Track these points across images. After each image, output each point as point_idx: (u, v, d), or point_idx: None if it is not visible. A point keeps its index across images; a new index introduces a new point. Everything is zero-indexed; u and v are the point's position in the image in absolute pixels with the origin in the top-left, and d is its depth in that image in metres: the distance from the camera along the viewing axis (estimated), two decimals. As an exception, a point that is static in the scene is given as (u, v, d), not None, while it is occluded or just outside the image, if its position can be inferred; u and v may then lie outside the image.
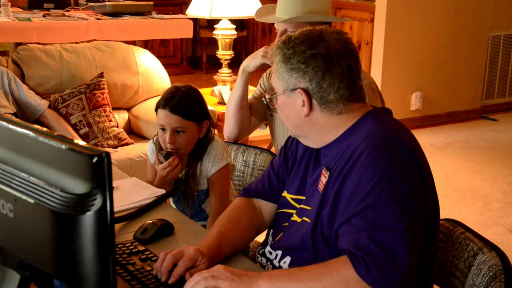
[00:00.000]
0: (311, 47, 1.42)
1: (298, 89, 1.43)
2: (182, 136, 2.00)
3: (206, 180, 2.08)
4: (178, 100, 1.99)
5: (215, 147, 2.07)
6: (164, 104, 2.00)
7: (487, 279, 1.37)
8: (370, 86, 2.17)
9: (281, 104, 1.49)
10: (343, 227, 1.32)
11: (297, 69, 1.43)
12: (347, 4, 5.57)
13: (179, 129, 1.99)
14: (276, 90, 1.50)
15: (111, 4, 4.27)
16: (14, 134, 1.02)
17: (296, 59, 1.42)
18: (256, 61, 2.27)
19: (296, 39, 1.45)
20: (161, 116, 2.01)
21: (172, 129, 1.99)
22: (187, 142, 2.01)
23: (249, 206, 1.66)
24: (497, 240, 3.26)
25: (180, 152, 2.03)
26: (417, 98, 5.38)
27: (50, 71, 3.45)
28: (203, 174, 2.07)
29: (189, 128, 2.00)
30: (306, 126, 1.48)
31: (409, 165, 1.34)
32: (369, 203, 1.28)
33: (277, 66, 1.47)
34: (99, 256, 0.94)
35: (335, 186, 1.39)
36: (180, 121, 1.98)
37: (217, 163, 2.04)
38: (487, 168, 4.48)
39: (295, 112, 1.47)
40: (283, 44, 1.46)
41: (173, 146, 1.99)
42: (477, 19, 5.50)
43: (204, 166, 2.07)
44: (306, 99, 1.43)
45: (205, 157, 2.06)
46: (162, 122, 2.01)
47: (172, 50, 7.20)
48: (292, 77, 1.44)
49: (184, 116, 1.99)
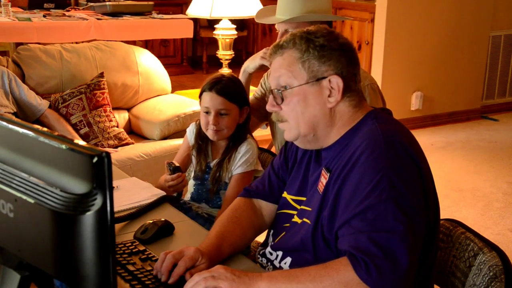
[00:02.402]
0: (338, 37, 1.46)
1: (331, 76, 1.42)
2: (225, 119, 2.09)
3: (230, 175, 2.14)
4: (224, 83, 2.10)
5: (250, 151, 2.14)
6: (211, 87, 2.09)
7: (488, 279, 1.37)
8: (371, 86, 2.17)
9: (300, 97, 1.44)
10: (343, 229, 1.32)
11: (330, 56, 1.43)
12: (347, 4, 5.57)
13: (223, 111, 2.08)
14: (289, 83, 1.45)
15: (112, 4, 4.27)
16: (15, 134, 1.02)
17: (329, 46, 1.43)
18: (255, 63, 2.31)
19: (317, 32, 1.46)
20: (206, 99, 2.09)
21: (216, 111, 2.08)
22: (229, 125, 2.11)
23: (250, 206, 1.66)
24: (498, 240, 3.26)
25: (222, 134, 2.11)
26: (417, 98, 5.38)
27: (50, 71, 3.45)
28: (229, 169, 2.14)
29: (232, 111, 2.10)
30: (323, 120, 1.45)
31: (409, 166, 1.34)
32: (369, 204, 1.28)
33: (300, 55, 1.43)
34: (99, 256, 0.94)
35: (335, 187, 1.39)
36: (224, 103, 2.08)
37: (245, 165, 2.12)
38: (487, 168, 4.47)
39: (318, 103, 1.44)
40: (307, 35, 1.45)
41: (216, 127, 2.08)
42: (477, 19, 5.50)
43: (233, 162, 2.13)
44: (341, 86, 1.42)
45: (237, 155, 2.14)
46: (207, 105, 2.09)
47: (172, 50, 7.20)
48: (325, 65, 1.42)
49: (229, 98, 2.09)
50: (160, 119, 3.51)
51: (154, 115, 3.56)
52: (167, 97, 3.80)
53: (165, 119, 3.50)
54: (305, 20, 2.16)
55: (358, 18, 5.37)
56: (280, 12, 2.24)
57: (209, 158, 2.18)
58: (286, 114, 1.48)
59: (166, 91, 3.85)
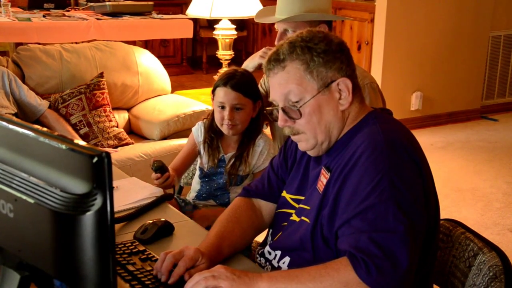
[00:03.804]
0: (333, 38, 1.46)
1: (339, 79, 1.42)
2: (240, 113, 2.11)
3: (248, 169, 2.16)
4: (239, 78, 2.12)
5: (266, 143, 2.18)
6: (225, 83, 2.11)
7: (487, 279, 1.37)
8: (371, 86, 2.17)
9: (314, 108, 1.42)
10: (343, 228, 1.32)
11: (334, 60, 1.43)
12: (347, 4, 5.57)
13: (238, 106, 2.11)
14: (301, 97, 1.42)
15: (111, 4, 4.27)
16: (15, 134, 1.03)
17: (331, 50, 1.43)
18: (254, 62, 2.32)
19: (314, 38, 1.44)
20: (221, 94, 2.11)
21: (231, 106, 2.10)
22: (244, 119, 2.13)
23: (249, 206, 1.66)
24: (497, 240, 3.26)
25: (237, 129, 2.13)
26: (417, 98, 5.38)
27: (50, 71, 3.45)
28: (248, 163, 2.15)
29: (247, 105, 2.13)
30: (337, 125, 1.45)
31: (409, 166, 1.34)
32: (369, 204, 1.28)
33: (306, 66, 1.42)
34: (99, 256, 0.94)
35: (335, 187, 1.39)
36: (239, 97, 2.10)
37: (269, 159, 2.10)
38: (487, 168, 4.47)
39: (332, 109, 1.44)
40: (306, 43, 1.42)
41: (231, 122, 2.10)
42: (477, 19, 5.50)
43: (253, 157, 2.16)
44: (350, 87, 1.43)
45: (257, 149, 2.16)
46: (222, 100, 2.11)
47: (172, 50, 7.20)
48: (331, 69, 1.42)
49: (243, 93, 2.11)
50: (160, 119, 3.51)
51: (154, 115, 3.56)
52: (167, 97, 3.80)
53: (165, 119, 3.50)
54: (304, 19, 2.15)
55: (358, 18, 5.37)
56: (279, 11, 2.24)
57: (222, 152, 2.19)
58: (302, 126, 1.45)
59: (166, 91, 3.85)
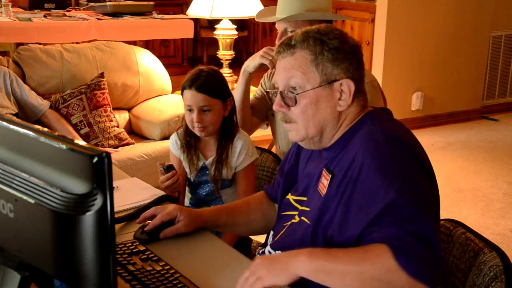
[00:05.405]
0: (349, 38, 1.45)
1: (342, 80, 1.41)
2: (209, 115, 2.06)
3: (231, 171, 2.13)
4: (204, 79, 2.06)
5: (247, 143, 2.13)
6: (190, 85, 2.06)
7: (488, 279, 1.37)
8: (371, 84, 2.17)
9: (312, 100, 1.42)
10: (369, 229, 1.29)
11: (344, 59, 1.41)
12: (348, 4, 5.57)
13: (206, 107, 2.06)
14: (301, 85, 1.42)
15: (112, 4, 4.27)
16: (15, 134, 1.03)
17: (343, 49, 1.41)
18: (255, 62, 2.29)
19: (330, 33, 1.43)
20: (188, 97, 2.07)
21: (199, 108, 2.05)
22: (214, 120, 2.08)
23: (267, 203, 1.76)
24: (498, 240, 3.26)
25: (208, 130, 2.09)
26: (417, 98, 5.38)
27: (50, 71, 3.45)
28: (229, 165, 2.12)
29: (215, 106, 2.07)
30: (331, 123, 1.45)
31: (414, 161, 1.35)
32: (389, 201, 1.26)
33: (314, 57, 1.41)
34: (99, 256, 0.94)
35: (338, 192, 1.37)
36: (206, 99, 2.05)
37: (248, 158, 2.12)
38: (487, 168, 4.47)
39: (329, 106, 1.43)
40: (321, 35, 1.41)
41: (201, 124, 2.06)
42: (477, 19, 5.50)
43: (232, 158, 2.12)
44: (353, 90, 1.42)
45: (235, 149, 2.12)
46: (189, 102, 2.07)
47: (172, 50, 7.19)
48: (338, 68, 1.41)
49: (210, 94, 2.05)
50: (161, 119, 3.51)
51: (154, 115, 3.56)
52: (167, 97, 3.80)
53: (165, 119, 3.50)
54: (304, 18, 2.15)
55: (358, 18, 5.37)
56: (280, 11, 2.24)
57: (201, 159, 2.15)
58: (295, 115, 1.45)
59: (166, 91, 3.85)
